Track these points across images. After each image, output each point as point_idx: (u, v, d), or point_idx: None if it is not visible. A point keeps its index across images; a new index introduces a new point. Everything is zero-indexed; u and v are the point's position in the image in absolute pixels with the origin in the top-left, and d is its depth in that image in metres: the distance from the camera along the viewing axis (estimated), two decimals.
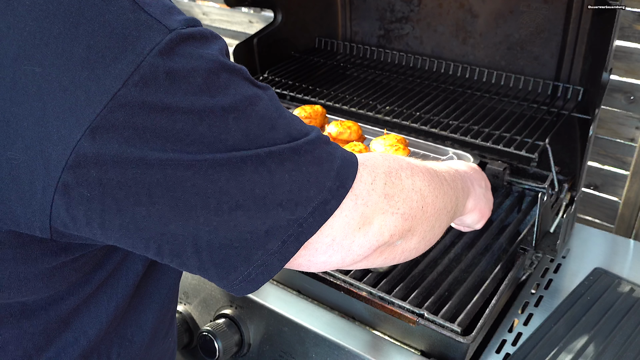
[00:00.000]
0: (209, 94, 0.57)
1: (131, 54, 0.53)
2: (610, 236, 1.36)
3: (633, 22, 2.08)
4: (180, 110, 0.55)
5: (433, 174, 0.78)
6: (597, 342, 1.01)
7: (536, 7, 1.51)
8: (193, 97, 0.56)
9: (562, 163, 1.35)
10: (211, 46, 0.60)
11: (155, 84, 0.54)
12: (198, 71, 0.57)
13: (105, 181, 0.54)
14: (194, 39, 0.58)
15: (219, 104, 0.57)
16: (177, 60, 0.56)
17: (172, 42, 0.56)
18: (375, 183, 0.67)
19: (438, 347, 1.00)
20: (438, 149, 1.46)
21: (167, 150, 0.55)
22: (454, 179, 0.85)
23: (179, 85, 0.55)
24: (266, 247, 0.60)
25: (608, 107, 2.27)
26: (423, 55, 1.77)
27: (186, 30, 0.57)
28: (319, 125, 1.55)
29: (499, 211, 1.33)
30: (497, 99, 1.52)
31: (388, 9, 1.80)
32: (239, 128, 0.58)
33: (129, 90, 0.53)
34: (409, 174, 0.72)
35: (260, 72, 1.78)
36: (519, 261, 1.12)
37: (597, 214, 2.53)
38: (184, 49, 0.57)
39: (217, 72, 0.58)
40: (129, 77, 0.53)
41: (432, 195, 0.75)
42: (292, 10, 1.84)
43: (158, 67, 0.54)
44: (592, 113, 1.24)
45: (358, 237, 0.65)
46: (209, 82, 0.57)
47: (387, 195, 0.68)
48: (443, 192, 0.79)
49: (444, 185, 0.80)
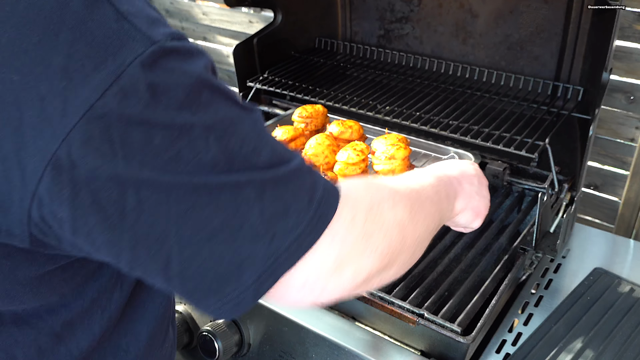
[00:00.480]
0: (190, 110, 0.55)
1: (112, 64, 0.52)
2: (610, 236, 1.36)
3: (633, 22, 2.08)
4: (160, 125, 0.53)
5: (415, 198, 0.74)
6: (597, 342, 1.01)
7: (536, 7, 1.51)
8: (173, 113, 0.54)
9: (562, 163, 1.35)
10: (195, 62, 0.58)
11: (135, 96, 0.52)
12: (180, 86, 0.55)
13: (78, 198, 0.52)
14: (178, 53, 0.56)
15: (200, 122, 0.55)
16: (159, 74, 0.54)
17: (155, 54, 0.54)
18: (355, 220, 0.63)
19: (438, 347, 1.00)
20: (439, 148, 1.46)
21: (144, 167, 0.53)
22: (437, 190, 0.82)
23: (160, 99, 0.53)
24: (240, 280, 0.57)
25: (608, 107, 2.27)
26: (423, 55, 1.77)
27: (170, 44, 0.56)
28: (320, 125, 1.56)
29: (499, 211, 1.33)
30: (497, 99, 1.52)
31: (388, 9, 1.80)
32: (219, 148, 0.55)
33: (107, 102, 0.51)
34: (391, 204, 0.69)
35: (260, 72, 1.78)
36: (519, 261, 1.12)
37: (597, 214, 2.53)
38: (167, 63, 0.55)
39: (199, 89, 0.56)
40: (108, 88, 0.51)
41: (413, 223, 0.71)
42: (292, 10, 1.84)
43: (139, 79, 0.53)
44: (592, 113, 1.24)
45: (333, 279, 0.62)
46: (190, 98, 0.55)
47: (366, 234, 0.64)
48: (424, 215, 0.75)
49: (426, 205, 0.76)
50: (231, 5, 1.70)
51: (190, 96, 0.55)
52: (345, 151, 1.31)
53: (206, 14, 3.59)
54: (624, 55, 2.15)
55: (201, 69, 0.58)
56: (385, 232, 0.66)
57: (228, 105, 0.59)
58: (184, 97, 0.55)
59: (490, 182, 1.39)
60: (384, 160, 1.29)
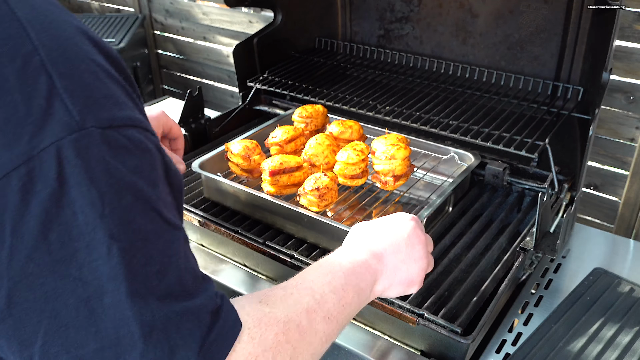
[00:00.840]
0: (102, 213, 0.51)
1: (25, 146, 0.48)
2: (610, 236, 1.36)
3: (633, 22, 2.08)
4: (61, 222, 0.50)
5: (317, 330, 0.71)
6: (597, 342, 1.01)
7: (536, 7, 1.51)
8: (80, 211, 0.50)
9: (562, 163, 1.35)
10: (129, 159, 0.54)
11: (43, 185, 0.49)
12: (97, 183, 0.51)
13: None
14: (109, 145, 0.52)
15: (107, 228, 0.51)
16: (74, 165, 0.50)
17: (77, 142, 0.50)
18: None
19: (438, 347, 1.00)
20: (439, 148, 1.46)
21: (30, 263, 0.50)
22: (342, 297, 0.77)
23: (68, 193, 0.50)
24: None
25: (608, 107, 2.27)
26: (423, 55, 1.77)
27: (103, 132, 0.52)
28: (320, 125, 1.56)
29: (499, 211, 1.33)
30: (497, 99, 1.52)
31: (388, 9, 1.80)
32: (119, 260, 0.51)
33: (8, 184, 0.48)
34: (290, 353, 0.65)
35: (260, 72, 1.78)
36: (519, 261, 1.12)
37: (597, 214, 2.53)
38: (90, 153, 0.51)
39: (120, 193, 0.52)
40: (12, 170, 0.48)
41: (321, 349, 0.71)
42: (292, 10, 1.84)
43: (50, 168, 0.49)
44: (592, 113, 1.24)
45: None
46: (106, 199, 0.51)
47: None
48: (327, 335, 0.72)
49: (330, 323, 0.73)
50: (231, 5, 1.70)
51: (106, 197, 0.51)
52: (345, 151, 1.31)
53: (206, 14, 3.59)
54: (624, 55, 2.15)
55: (132, 168, 0.54)
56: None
57: (149, 217, 0.55)
58: (97, 197, 0.51)
59: (490, 182, 1.40)
60: (384, 160, 1.29)
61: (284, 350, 0.64)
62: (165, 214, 0.57)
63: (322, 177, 1.22)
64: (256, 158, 1.35)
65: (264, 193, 1.28)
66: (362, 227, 0.94)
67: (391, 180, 1.30)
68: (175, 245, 0.58)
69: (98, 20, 3.83)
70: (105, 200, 0.51)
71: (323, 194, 1.20)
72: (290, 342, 0.66)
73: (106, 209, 0.51)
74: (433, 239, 1.21)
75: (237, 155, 1.35)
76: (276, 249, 1.17)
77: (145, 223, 0.54)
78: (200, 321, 0.56)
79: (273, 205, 1.25)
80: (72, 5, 4.55)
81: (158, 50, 4.06)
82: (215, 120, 1.69)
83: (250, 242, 1.20)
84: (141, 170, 0.55)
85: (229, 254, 1.29)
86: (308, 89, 1.66)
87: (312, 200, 1.21)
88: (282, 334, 0.65)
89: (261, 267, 1.24)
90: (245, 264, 1.27)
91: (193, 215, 1.29)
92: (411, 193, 1.41)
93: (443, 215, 1.31)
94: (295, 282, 0.75)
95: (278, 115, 1.68)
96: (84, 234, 0.51)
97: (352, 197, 1.39)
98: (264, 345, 0.62)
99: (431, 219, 1.23)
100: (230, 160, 1.37)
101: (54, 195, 0.49)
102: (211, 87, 3.84)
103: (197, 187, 1.43)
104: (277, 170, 1.26)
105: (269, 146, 1.44)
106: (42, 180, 0.49)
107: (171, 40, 3.93)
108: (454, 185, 1.27)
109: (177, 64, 4.00)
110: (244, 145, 1.35)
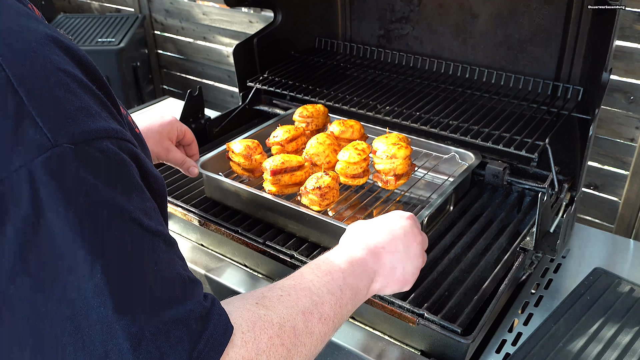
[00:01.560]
0: (79, 233, 0.50)
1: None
2: (610, 236, 1.36)
3: (633, 22, 2.09)
4: (37, 243, 0.49)
5: (313, 331, 0.71)
6: (597, 342, 1.01)
7: (536, 7, 1.51)
8: (58, 227, 0.49)
9: (562, 163, 1.35)
10: (105, 174, 0.53)
11: (17, 208, 0.48)
12: (72, 204, 0.50)
13: None
14: (83, 161, 0.51)
15: (89, 246, 0.51)
16: (47, 186, 0.49)
17: (50, 161, 0.49)
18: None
19: (438, 347, 1.00)
20: (440, 147, 1.46)
21: (10, 284, 0.50)
22: (339, 298, 0.77)
23: (44, 217, 0.49)
24: None
25: (608, 107, 2.27)
26: (423, 55, 1.77)
27: (76, 148, 0.51)
28: (321, 125, 1.56)
29: (498, 211, 1.33)
30: (497, 99, 1.52)
31: (388, 9, 1.80)
32: (103, 277, 0.51)
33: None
34: (285, 354, 0.65)
35: (261, 72, 1.78)
36: (519, 261, 1.12)
37: (597, 214, 2.53)
38: (64, 173, 0.50)
39: (96, 210, 0.52)
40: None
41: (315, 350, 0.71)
42: (292, 10, 1.84)
43: (22, 191, 0.48)
44: (592, 113, 1.24)
45: None
46: (82, 219, 0.51)
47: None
48: (323, 335, 0.73)
49: (326, 324, 0.73)
50: (231, 5, 1.70)
51: (83, 216, 0.51)
52: (346, 150, 1.31)
53: (206, 14, 3.59)
54: (624, 55, 2.15)
55: (107, 182, 0.53)
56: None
57: (128, 230, 0.54)
58: (74, 216, 0.50)
59: (490, 182, 1.40)
60: (385, 160, 1.29)
61: (278, 352, 0.64)
62: (146, 222, 0.57)
63: (324, 177, 1.22)
64: (257, 157, 1.35)
65: (265, 192, 1.28)
66: (359, 225, 0.94)
67: (392, 179, 1.30)
68: (158, 252, 0.58)
69: (98, 20, 3.83)
70: (83, 219, 0.51)
71: (324, 193, 1.20)
72: (285, 344, 0.66)
73: (84, 227, 0.51)
74: (433, 239, 1.22)
75: (239, 155, 1.35)
76: (276, 249, 1.17)
77: (124, 236, 0.54)
78: (189, 328, 0.56)
79: (274, 205, 1.25)
80: (72, 5, 4.55)
81: (158, 50, 4.06)
82: (215, 120, 1.69)
83: (250, 242, 1.20)
84: (117, 182, 0.55)
85: (229, 254, 1.29)
86: (308, 89, 1.66)
87: (313, 199, 1.21)
88: (276, 336, 0.65)
89: (261, 267, 1.24)
90: (245, 264, 1.27)
91: (193, 215, 1.29)
92: (412, 192, 1.41)
93: (444, 214, 1.31)
94: (294, 283, 0.75)
95: (278, 115, 1.69)
96: (64, 254, 0.50)
97: (353, 197, 1.39)
98: (257, 349, 0.62)
99: (432, 218, 1.23)
100: (232, 159, 1.37)
101: (29, 219, 0.49)
102: (211, 87, 3.84)
103: (198, 187, 1.43)
104: (278, 170, 1.27)
105: (270, 145, 1.44)
106: (16, 204, 0.48)
107: (171, 40, 3.93)
108: (455, 185, 1.27)
109: (177, 64, 4.00)
110: (245, 145, 1.36)
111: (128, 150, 0.58)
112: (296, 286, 0.74)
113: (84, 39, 3.59)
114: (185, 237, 1.36)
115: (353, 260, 0.83)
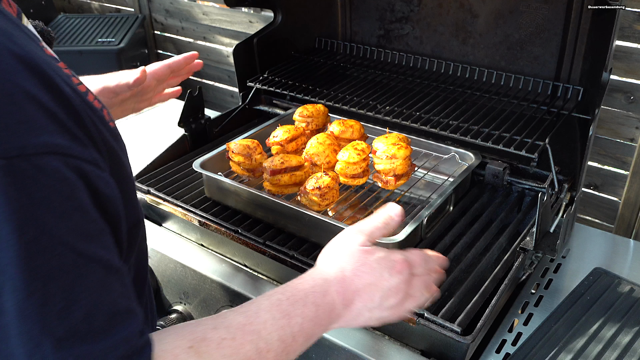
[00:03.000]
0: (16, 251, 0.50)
1: None
2: (610, 236, 1.36)
3: (633, 22, 2.09)
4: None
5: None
6: (597, 342, 1.01)
7: (536, 7, 1.51)
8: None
9: (562, 163, 1.35)
10: (37, 192, 0.52)
11: None
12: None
13: None
14: (14, 176, 0.50)
15: (6, 268, 0.50)
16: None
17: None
18: None
19: (438, 347, 1.00)
20: (440, 147, 1.46)
21: None
22: (289, 345, 0.72)
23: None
24: None
25: (608, 107, 2.27)
26: (423, 55, 1.77)
27: (9, 162, 0.49)
28: (321, 125, 1.56)
29: (498, 211, 1.33)
30: (497, 99, 1.52)
31: (388, 9, 1.80)
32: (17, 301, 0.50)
33: None
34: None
35: (261, 72, 1.78)
36: (519, 261, 1.12)
37: (597, 214, 2.53)
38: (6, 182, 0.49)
39: (21, 229, 0.50)
40: None
41: None
42: (292, 10, 1.84)
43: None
44: (592, 113, 1.24)
45: None
46: (2, 236, 0.50)
47: None
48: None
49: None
50: (231, 5, 1.70)
51: (4, 234, 0.50)
52: (346, 150, 1.31)
53: (206, 14, 3.59)
54: (624, 55, 2.16)
55: (38, 200, 0.52)
56: None
57: (54, 253, 0.52)
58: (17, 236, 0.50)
59: (491, 182, 1.40)
60: (385, 160, 1.29)
61: None
62: (80, 246, 0.54)
63: (324, 177, 1.22)
64: (257, 157, 1.35)
65: (265, 192, 1.28)
66: (352, 252, 0.84)
67: (392, 179, 1.30)
68: (90, 279, 0.54)
69: (98, 21, 3.83)
70: (3, 237, 0.49)
71: (324, 193, 1.20)
72: None
73: (4, 246, 0.49)
74: (434, 239, 1.22)
75: (239, 155, 1.35)
76: (276, 249, 1.17)
77: (48, 259, 0.51)
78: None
79: (274, 205, 1.25)
80: (72, 5, 4.55)
81: (158, 50, 4.06)
82: (215, 120, 1.69)
83: (250, 242, 1.20)
84: (50, 201, 0.52)
85: (229, 254, 1.29)
86: (308, 89, 1.66)
87: (313, 199, 1.21)
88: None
89: (261, 267, 1.24)
90: (245, 264, 1.27)
91: (193, 215, 1.29)
92: (412, 192, 1.41)
93: (444, 214, 1.31)
94: (245, 321, 0.69)
95: (278, 115, 1.69)
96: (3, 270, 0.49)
97: (353, 197, 1.39)
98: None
99: (432, 218, 1.23)
100: (232, 159, 1.37)
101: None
102: (211, 87, 3.84)
103: (198, 187, 1.43)
104: (278, 170, 1.27)
105: (270, 145, 1.44)
106: None
107: (171, 40, 3.94)
108: (455, 185, 1.27)
109: None
110: (245, 145, 1.36)
111: (76, 168, 0.55)
112: (245, 327, 0.68)
113: (84, 39, 3.59)
114: (185, 237, 1.36)
115: (321, 302, 0.76)
